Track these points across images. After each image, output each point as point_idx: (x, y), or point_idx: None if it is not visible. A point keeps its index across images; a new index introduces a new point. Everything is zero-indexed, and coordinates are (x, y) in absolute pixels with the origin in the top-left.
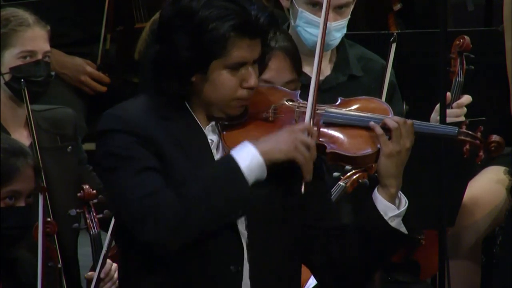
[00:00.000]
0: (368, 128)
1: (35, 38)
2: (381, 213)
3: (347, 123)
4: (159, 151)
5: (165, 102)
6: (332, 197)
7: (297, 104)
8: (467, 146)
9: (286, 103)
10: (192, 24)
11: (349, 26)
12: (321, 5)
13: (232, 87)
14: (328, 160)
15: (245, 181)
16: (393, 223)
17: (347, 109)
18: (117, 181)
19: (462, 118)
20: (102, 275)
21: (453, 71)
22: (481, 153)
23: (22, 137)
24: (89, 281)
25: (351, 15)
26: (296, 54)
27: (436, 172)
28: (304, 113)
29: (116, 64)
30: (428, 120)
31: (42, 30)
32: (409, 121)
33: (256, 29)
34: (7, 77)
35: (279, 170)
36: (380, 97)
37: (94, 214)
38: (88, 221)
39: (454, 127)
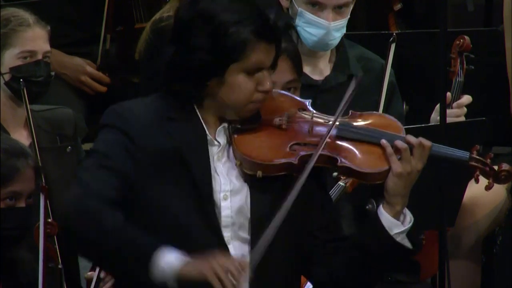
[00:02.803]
0: (380, 146)
1: (35, 38)
2: (387, 229)
3: (359, 138)
4: (142, 162)
5: (174, 103)
6: (332, 197)
7: (310, 115)
8: (477, 173)
9: (299, 112)
10: (212, 27)
11: (349, 26)
12: (320, 4)
13: (249, 91)
14: (339, 173)
15: (147, 271)
16: (397, 239)
17: (360, 124)
18: (81, 165)
19: (462, 118)
20: (102, 275)
21: (453, 71)
22: (490, 180)
23: (21, 137)
24: (89, 281)
25: (351, 15)
26: (297, 55)
27: (436, 172)
28: (318, 124)
29: (116, 64)
30: (428, 120)
31: (42, 30)
32: (427, 144)
33: (274, 34)
34: (7, 77)
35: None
36: (380, 97)
37: None
38: None
39: (466, 152)
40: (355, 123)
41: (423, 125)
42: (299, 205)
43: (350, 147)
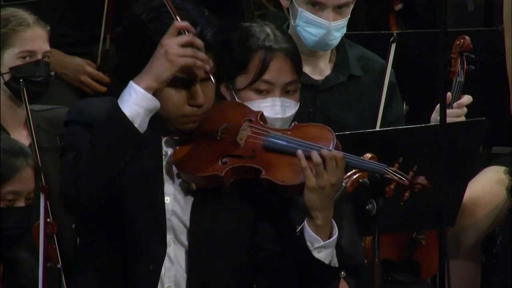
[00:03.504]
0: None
1: (35, 38)
2: (308, 243)
3: (284, 150)
4: None
5: None
6: None
7: (244, 127)
8: (392, 186)
9: (243, 123)
10: (138, 37)
11: (349, 26)
12: (321, 4)
13: (178, 104)
14: (263, 186)
15: (124, 116)
16: (320, 254)
17: (292, 135)
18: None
19: (463, 118)
20: None
21: (454, 71)
22: (406, 193)
23: (21, 137)
24: None
25: (351, 15)
26: (296, 55)
27: (436, 172)
28: (253, 135)
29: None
30: (428, 120)
31: (42, 30)
32: (339, 156)
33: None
34: (6, 77)
35: (232, 189)
36: (380, 97)
37: None
38: None
39: (383, 165)
40: (287, 135)
41: (423, 125)
42: (247, 217)
43: (275, 159)
